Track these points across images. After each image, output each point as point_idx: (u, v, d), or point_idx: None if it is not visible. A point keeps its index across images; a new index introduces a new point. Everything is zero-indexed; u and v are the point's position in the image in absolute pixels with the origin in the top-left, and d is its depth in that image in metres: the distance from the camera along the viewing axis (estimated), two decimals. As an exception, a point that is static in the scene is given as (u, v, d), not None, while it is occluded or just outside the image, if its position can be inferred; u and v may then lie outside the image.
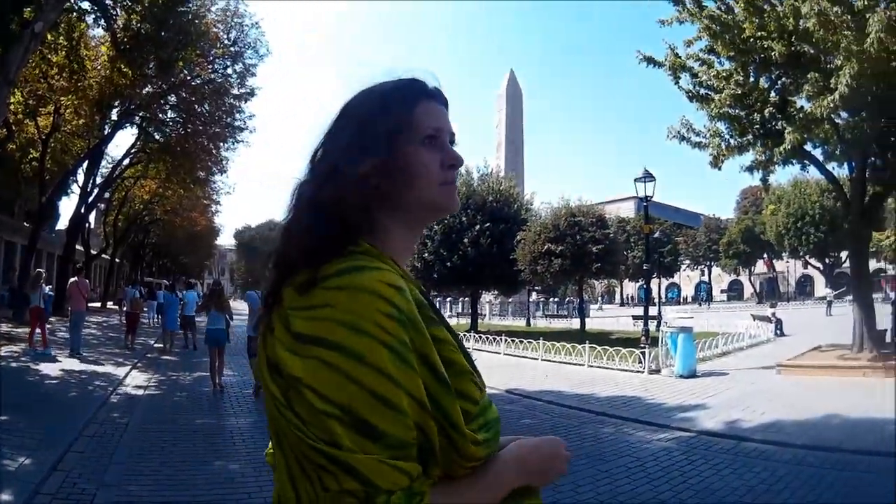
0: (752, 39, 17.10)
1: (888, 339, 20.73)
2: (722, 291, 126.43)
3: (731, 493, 8.11)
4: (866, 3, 14.31)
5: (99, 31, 32.36)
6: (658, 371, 19.90)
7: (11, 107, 29.95)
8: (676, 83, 19.65)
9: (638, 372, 20.10)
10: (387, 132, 1.54)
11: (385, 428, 1.25)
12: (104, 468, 8.86)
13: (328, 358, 1.28)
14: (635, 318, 40.50)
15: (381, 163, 1.52)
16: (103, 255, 59.44)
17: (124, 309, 29.70)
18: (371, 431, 1.25)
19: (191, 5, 31.22)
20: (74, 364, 18.62)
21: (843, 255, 71.20)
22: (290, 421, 1.31)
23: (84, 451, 9.72)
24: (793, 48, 16.84)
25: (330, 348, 1.28)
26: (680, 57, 19.38)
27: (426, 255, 39.15)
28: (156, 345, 25.67)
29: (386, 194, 1.55)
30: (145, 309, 32.95)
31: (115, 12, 28.05)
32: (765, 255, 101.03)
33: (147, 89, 34.57)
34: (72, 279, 23.31)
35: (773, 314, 34.74)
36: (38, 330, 20.69)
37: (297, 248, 1.47)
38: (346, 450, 1.24)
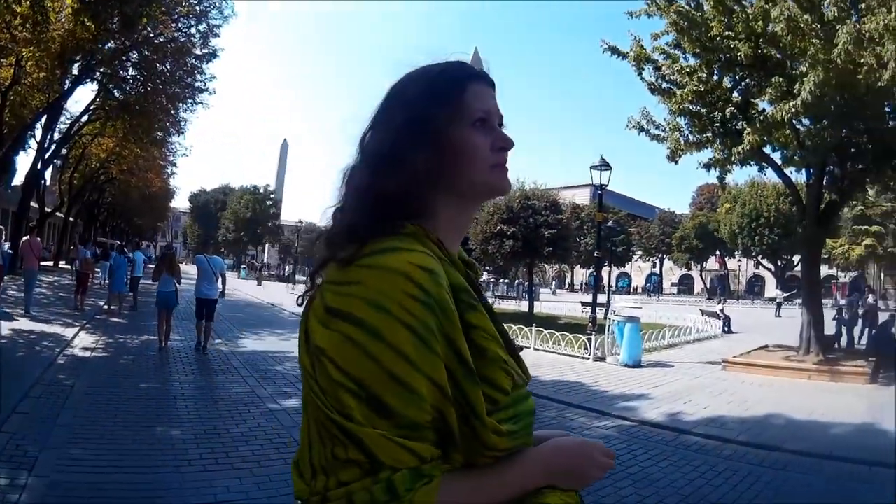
0: (718, 38, 17.21)
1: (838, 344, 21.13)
2: (672, 284, 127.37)
3: (669, 485, 8.21)
4: (837, 13, 14.48)
5: (64, -18, 32.06)
6: (603, 359, 20.10)
7: (-29, 57, 29.66)
8: (640, 75, 19.68)
9: (583, 358, 20.28)
10: (437, 117, 1.57)
11: (397, 406, 1.31)
12: (48, 431, 8.83)
13: (350, 332, 1.34)
14: (584, 304, 40.76)
15: (432, 148, 1.55)
16: (58, 214, 58.34)
17: (76, 269, 29.64)
18: (382, 408, 1.31)
19: (158, -41, 30.61)
20: (23, 324, 18.46)
21: (796, 258, 71.80)
22: (311, 389, 1.41)
23: (29, 412, 9.72)
24: (759, 51, 17.00)
25: (353, 323, 1.34)
26: (645, 49, 19.43)
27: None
28: (104, 306, 25.51)
29: (437, 178, 1.58)
30: (97, 270, 32.78)
31: (80, -37, 27.75)
32: (717, 252, 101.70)
33: (109, 45, 34.17)
34: (24, 238, 23.54)
35: (722, 310, 35.14)
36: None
37: (344, 227, 1.54)
38: (356, 422, 1.30)
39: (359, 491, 1.29)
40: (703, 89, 18.22)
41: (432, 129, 1.56)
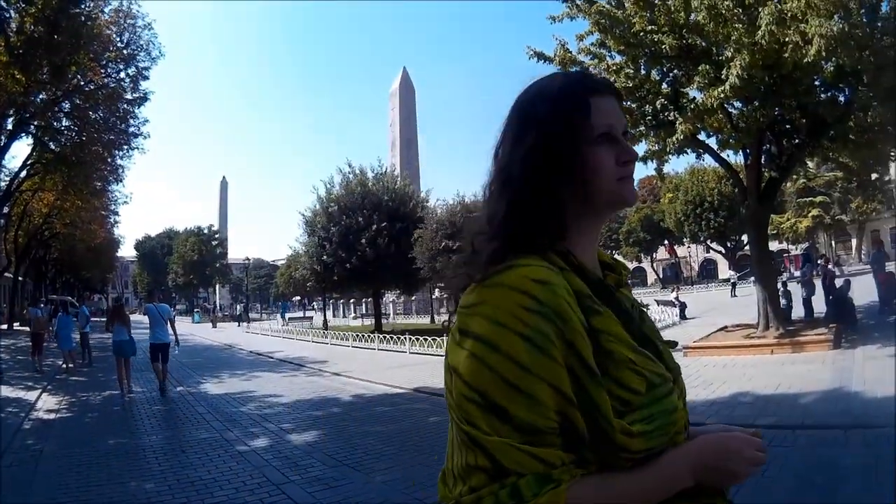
0: (642, 33, 17.35)
1: (793, 316, 21.33)
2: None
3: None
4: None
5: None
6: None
7: None
8: (566, 78, 19.78)
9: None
10: (564, 138, 1.61)
11: (516, 412, 1.38)
12: (24, 498, 8.83)
13: (472, 348, 1.43)
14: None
15: (562, 168, 1.60)
16: (6, 274, 58.06)
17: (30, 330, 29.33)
18: (503, 415, 1.38)
19: (84, 6, 30.73)
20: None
21: (745, 238, 72.37)
22: (449, 403, 1.52)
23: (2, 480, 9.65)
24: (684, 41, 17.18)
25: (474, 339, 1.44)
26: (570, 52, 19.53)
27: (325, 257, 39.72)
28: (62, 365, 25.30)
29: (567, 196, 1.62)
30: (51, 328, 32.70)
31: (8, 14, 27.55)
32: (666, 242, 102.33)
33: (41, 96, 33.89)
34: None
35: (677, 298, 35.45)
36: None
37: (482, 251, 1.62)
38: (481, 431, 1.39)
39: (486, 496, 1.37)
40: (631, 85, 18.35)
41: (561, 150, 1.61)
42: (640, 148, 19.35)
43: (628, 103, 18.74)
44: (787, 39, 14.35)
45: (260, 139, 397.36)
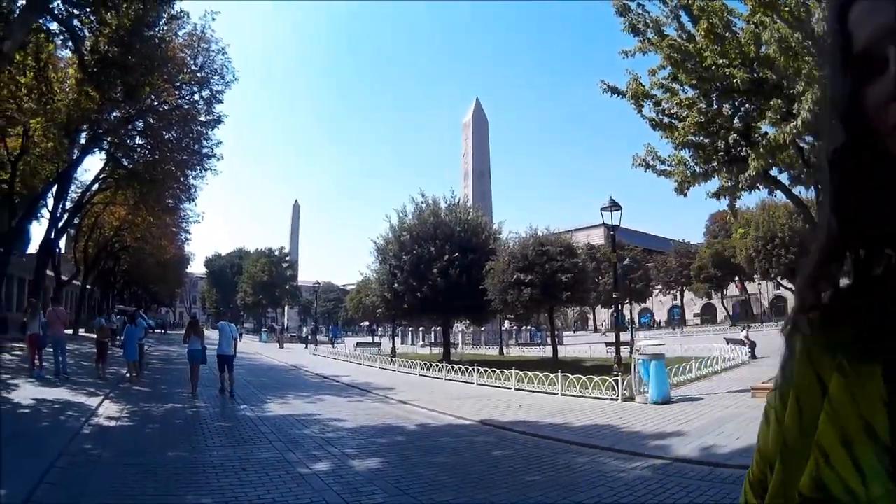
0: (713, 67, 17.15)
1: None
2: (695, 315, 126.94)
3: (706, 522, 8.01)
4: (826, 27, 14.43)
5: (67, 53, 32.23)
6: (632, 398, 19.80)
7: (-21, 127, 29.90)
8: (640, 112, 19.62)
9: (612, 399, 19.99)
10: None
11: None
12: (77, 502, 8.76)
13: None
14: (608, 344, 40.52)
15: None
16: (74, 282, 58.94)
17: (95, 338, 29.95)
18: None
19: (157, 30, 31.04)
20: (47, 393, 18.63)
21: (816, 275, 71.53)
22: None
23: (56, 482, 9.63)
24: (755, 74, 16.95)
25: None
26: (643, 86, 19.36)
27: (396, 285, 39.52)
28: (126, 375, 25.63)
29: None
30: (119, 338, 33.21)
31: (82, 34, 27.85)
32: (736, 279, 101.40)
33: (115, 114, 34.56)
34: (49, 308, 25.18)
35: (747, 336, 34.90)
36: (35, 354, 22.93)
37: None
38: None
39: None
40: (703, 120, 18.16)
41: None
42: (713, 184, 19.07)
43: (700, 138, 18.52)
44: (856, 73, 14.05)
45: (332, 164, 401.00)
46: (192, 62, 37.19)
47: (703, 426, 14.67)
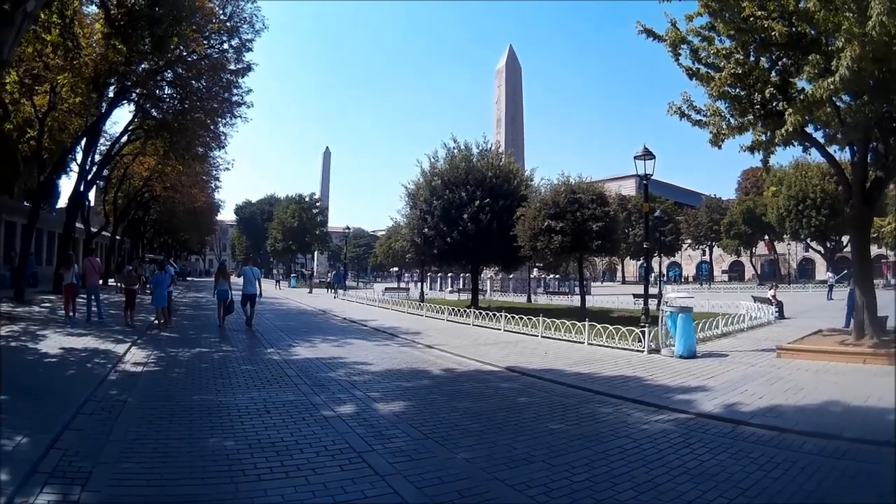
0: (752, 18, 16.89)
1: (889, 325, 20.53)
2: (723, 272, 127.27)
3: (728, 478, 8.00)
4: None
5: (93, 9, 32.40)
6: (658, 351, 19.83)
7: (7, 87, 30.10)
8: (676, 60, 19.39)
9: (638, 351, 20.01)
10: None
11: None
12: (101, 446, 8.85)
13: None
14: (636, 296, 40.56)
15: None
16: (104, 233, 59.45)
17: (121, 286, 31.75)
18: None
19: (185, -21, 30.58)
20: (74, 341, 18.86)
21: (845, 239, 71.26)
22: None
23: (82, 428, 9.74)
24: (793, 28, 16.70)
25: None
26: (680, 31, 19.16)
27: (426, 230, 39.39)
28: (154, 321, 25.71)
29: None
30: (148, 286, 33.86)
31: (107, -14, 27.87)
32: (766, 237, 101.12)
33: (143, 66, 34.33)
34: (85, 258, 27.83)
35: (774, 296, 34.75)
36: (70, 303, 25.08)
37: None
38: None
39: None
40: (740, 72, 17.90)
41: None
42: (748, 138, 18.84)
43: (737, 90, 18.33)
44: (896, 31, 13.79)
45: (365, 109, 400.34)
46: (220, 11, 37.00)
47: (728, 383, 14.67)
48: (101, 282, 30.25)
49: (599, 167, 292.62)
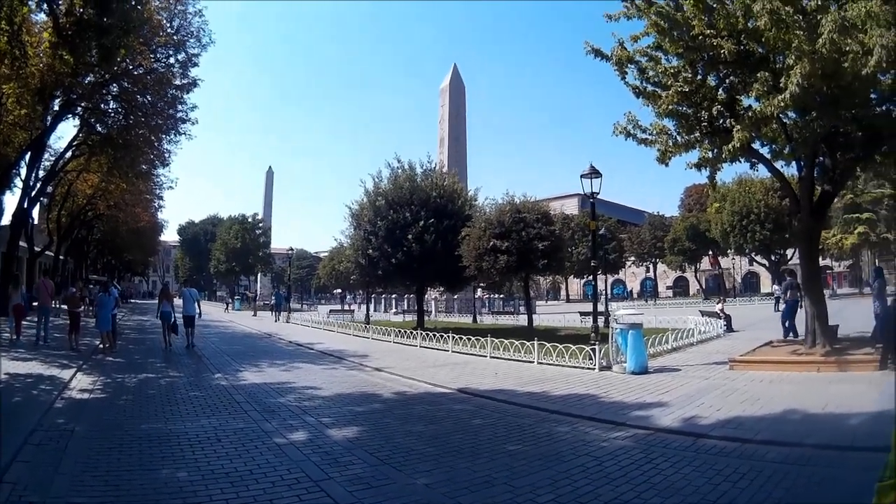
0: (700, 37, 17.08)
1: (839, 334, 20.85)
2: (668, 287, 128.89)
3: (695, 492, 8.04)
4: (819, 3, 14.41)
5: (42, 17, 31.88)
6: (609, 368, 19.91)
7: (-49, 95, 29.59)
8: (623, 79, 19.55)
9: (589, 369, 20.05)
10: None
11: None
12: (51, 479, 8.64)
13: None
14: (583, 314, 40.91)
15: None
16: (48, 252, 58.67)
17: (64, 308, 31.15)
18: None
19: (134, -10, 30.34)
20: (19, 367, 18.53)
21: (790, 252, 72.62)
22: None
23: (31, 460, 9.54)
24: (742, 47, 16.93)
25: None
26: (627, 50, 19.30)
27: (370, 251, 39.21)
28: (99, 346, 25.41)
29: None
30: (91, 309, 33.97)
31: (57, -6, 27.63)
32: (710, 252, 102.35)
33: (89, 78, 34.06)
34: (39, 279, 29.21)
35: (722, 310, 35.19)
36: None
37: None
38: None
39: None
40: (688, 90, 18.12)
41: None
42: (693, 155, 19.11)
43: (683, 108, 18.52)
44: (847, 49, 13.99)
45: (307, 130, 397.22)
46: (168, 24, 36.91)
47: (684, 397, 14.74)
48: (53, 303, 30.12)
49: (543, 186, 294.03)
